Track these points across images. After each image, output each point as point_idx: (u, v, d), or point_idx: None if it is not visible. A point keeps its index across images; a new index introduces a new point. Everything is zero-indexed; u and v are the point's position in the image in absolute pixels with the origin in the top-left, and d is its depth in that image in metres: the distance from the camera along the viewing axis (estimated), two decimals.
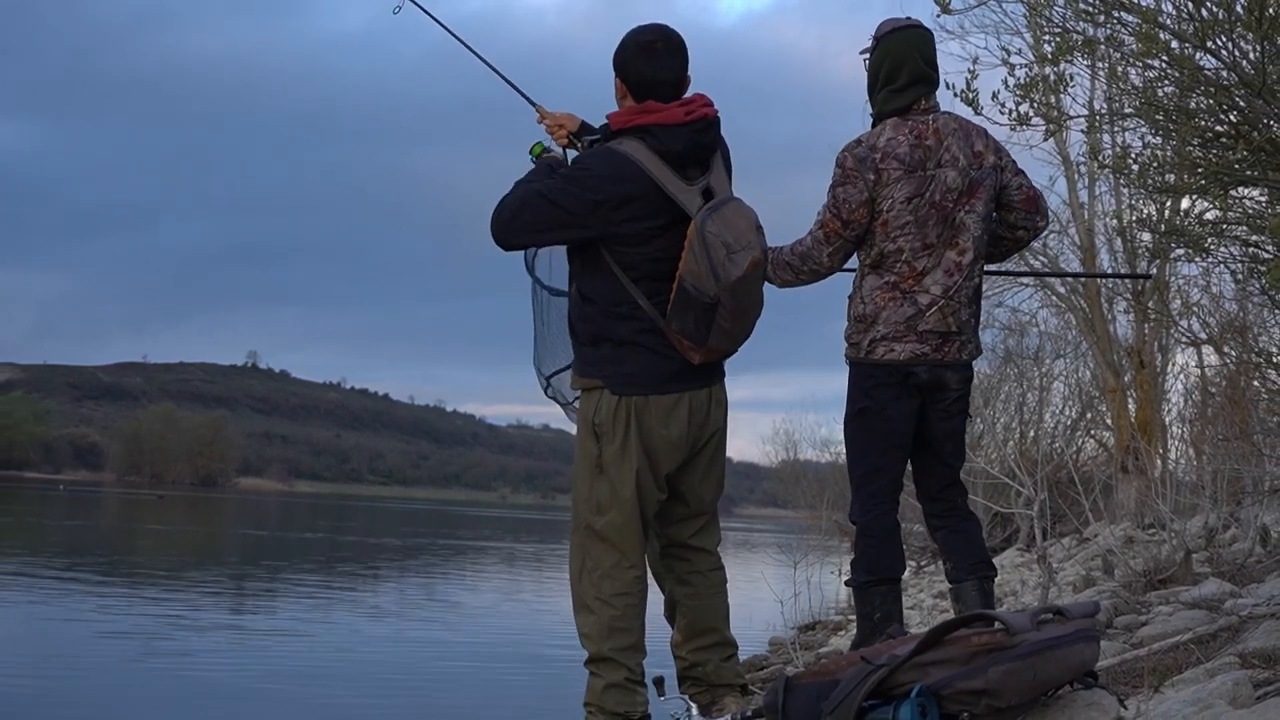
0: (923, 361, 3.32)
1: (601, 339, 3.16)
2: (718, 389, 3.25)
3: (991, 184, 3.35)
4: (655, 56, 3.14)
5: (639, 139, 3.10)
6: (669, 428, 3.13)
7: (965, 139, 3.33)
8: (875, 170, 3.26)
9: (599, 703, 3.10)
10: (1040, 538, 6.39)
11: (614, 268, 3.12)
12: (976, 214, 3.32)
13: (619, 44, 3.20)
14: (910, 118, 3.31)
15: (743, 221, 3.06)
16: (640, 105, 3.14)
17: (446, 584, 18.08)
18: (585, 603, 3.18)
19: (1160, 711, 2.61)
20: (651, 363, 3.11)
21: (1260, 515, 6.88)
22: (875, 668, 2.43)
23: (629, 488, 3.13)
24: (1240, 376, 8.54)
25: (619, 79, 3.20)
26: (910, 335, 3.30)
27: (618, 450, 3.13)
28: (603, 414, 3.14)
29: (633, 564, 3.16)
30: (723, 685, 3.24)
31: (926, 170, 3.27)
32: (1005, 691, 2.34)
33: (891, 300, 3.31)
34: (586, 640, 3.16)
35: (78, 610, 10.93)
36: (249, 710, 6.98)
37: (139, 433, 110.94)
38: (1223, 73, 3.34)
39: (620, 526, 3.15)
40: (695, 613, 3.28)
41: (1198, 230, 4.10)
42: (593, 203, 3.06)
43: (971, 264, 3.33)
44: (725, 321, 3.03)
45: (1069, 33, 3.56)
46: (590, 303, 3.18)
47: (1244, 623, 3.97)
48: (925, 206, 3.26)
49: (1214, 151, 3.58)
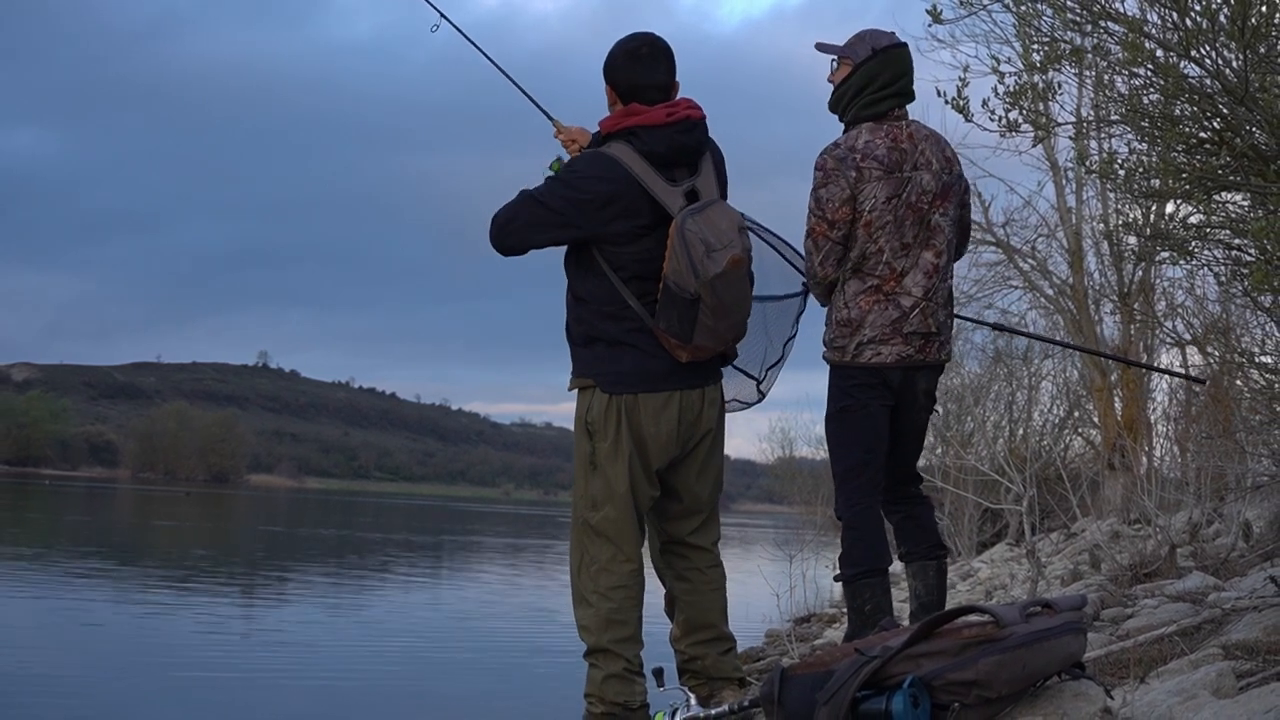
0: (907, 363, 3.40)
1: (594, 339, 3.23)
2: (712, 389, 3.30)
3: (959, 189, 3.51)
4: (641, 62, 3.23)
5: (625, 141, 3.19)
6: (659, 425, 3.19)
7: (937, 145, 3.47)
8: (856, 168, 3.34)
9: (599, 693, 3.16)
10: (1029, 533, 6.46)
11: (605, 268, 3.18)
12: (949, 216, 3.45)
13: (608, 53, 3.29)
14: (885, 123, 3.42)
15: (724, 221, 3.12)
16: (626, 108, 3.22)
17: (454, 575, 18.13)
18: (583, 596, 3.24)
19: (1146, 702, 2.66)
20: (642, 362, 3.18)
21: (1243, 510, 6.97)
22: (869, 659, 2.49)
23: (623, 483, 3.19)
24: (1223, 376, 8.63)
25: (609, 86, 3.29)
26: (896, 338, 3.38)
27: (610, 447, 3.19)
28: (595, 412, 3.21)
29: (628, 557, 3.22)
30: (721, 678, 3.30)
31: (903, 172, 3.37)
32: (995, 682, 2.39)
33: (875, 304, 3.38)
34: (585, 632, 3.23)
35: (175, 608, 10.99)
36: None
37: (153, 430, 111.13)
38: (1206, 81, 3.41)
39: (615, 521, 3.21)
40: (693, 609, 3.34)
41: (1182, 234, 4.17)
42: (578, 202, 3.13)
43: (945, 265, 3.46)
44: (708, 319, 3.08)
45: (1057, 42, 3.63)
46: (583, 303, 3.24)
47: (1227, 615, 4.04)
48: (902, 207, 3.36)
49: (1198, 157, 3.65)
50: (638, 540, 3.28)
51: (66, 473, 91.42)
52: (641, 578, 3.28)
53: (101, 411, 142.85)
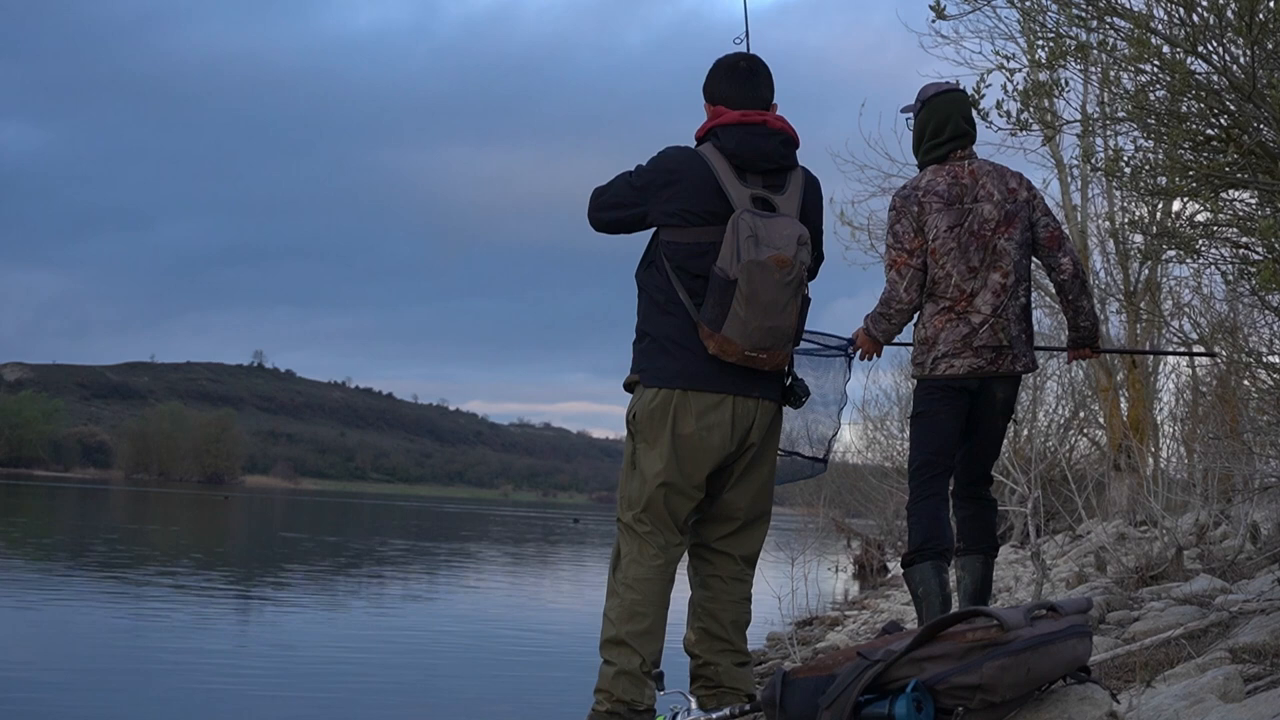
0: (979, 374, 3.77)
1: (645, 334, 3.24)
2: (768, 404, 3.24)
3: (1025, 216, 3.81)
4: (739, 76, 3.30)
5: (709, 141, 3.25)
6: (708, 426, 3.15)
7: (1000, 178, 3.81)
8: (919, 204, 3.77)
9: (609, 688, 3.13)
10: (1034, 535, 6.43)
11: (662, 258, 3.20)
12: (1015, 241, 3.78)
13: (708, 71, 3.35)
14: (948, 164, 3.82)
15: (786, 230, 3.13)
16: (713, 112, 3.29)
17: (460, 574, 18.14)
18: (613, 588, 3.23)
19: (1152, 706, 2.64)
20: (691, 360, 3.15)
21: (1250, 512, 6.94)
22: (871, 663, 2.46)
23: (656, 480, 3.17)
24: (1230, 376, 8.60)
25: (707, 103, 3.34)
26: (967, 351, 3.75)
27: (648, 445, 3.19)
28: (639, 409, 3.21)
29: (657, 553, 3.20)
30: (733, 689, 3.24)
31: (964, 204, 3.76)
32: (999, 686, 2.37)
33: (948, 323, 3.76)
34: (606, 622, 3.21)
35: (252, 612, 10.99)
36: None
37: (146, 431, 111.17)
38: (1213, 77, 3.38)
39: (647, 518, 3.20)
40: (709, 617, 3.28)
41: (1189, 232, 4.15)
42: (648, 179, 3.22)
43: (1015, 285, 3.78)
44: (740, 309, 3.05)
45: (1062, 38, 3.60)
46: (642, 294, 3.28)
47: (1234, 618, 4.01)
48: (965, 235, 3.74)
49: (1205, 155, 3.63)
50: (672, 540, 3.24)
51: (59, 474, 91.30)
52: (669, 576, 3.23)
53: (95, 412, 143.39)
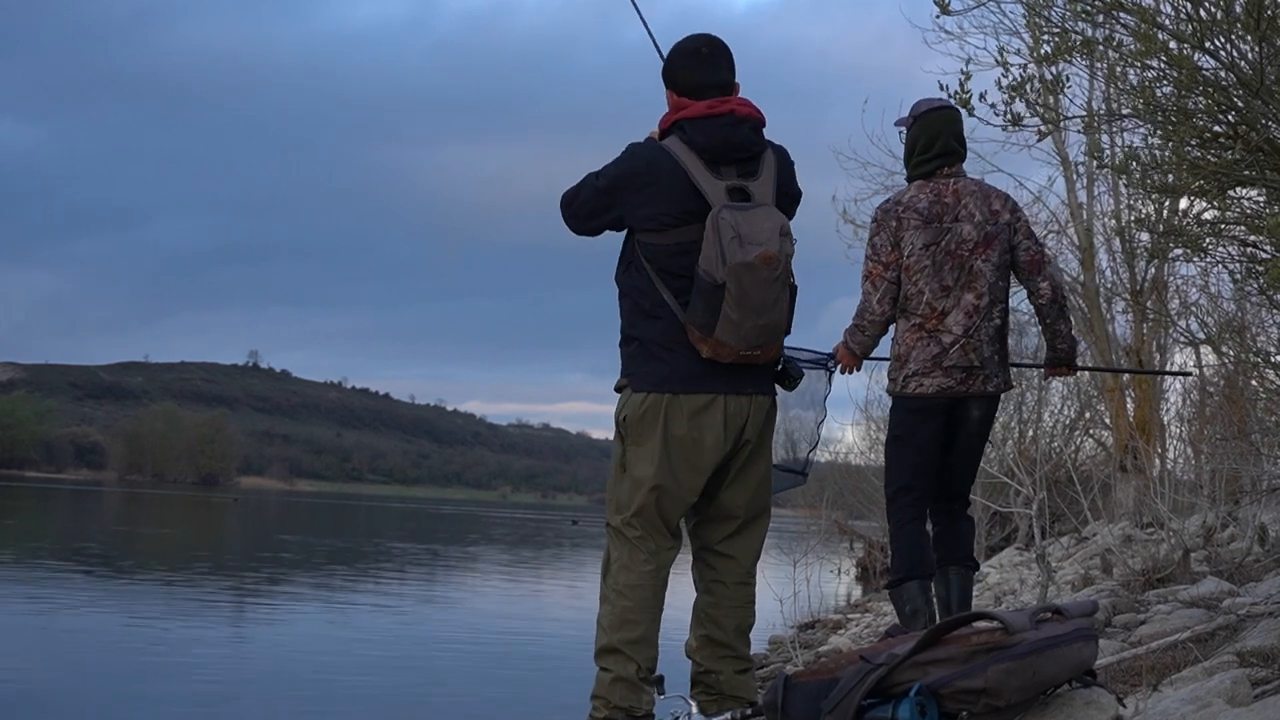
0: (948, 394, 3.76)
1: (631, 338, 3.20)
2: (761, 399, 3.21)
3: (1005, 238, 3.81)
4: (700, 61, 3.22)
5: (675, 134, 3.18)
6: (700, 428, 3.12)
7: (983, 199, 3.81)
8: (897, 219, 3.79)
9: (605, 695, 3.11)
10: (1039, 537, 6.40)
11: (642, 260, 3.16)
12: (992, 263, 3.77)
13: (667, 55, 3.28)
14: (934, 180, 3.82)
15: (766, 223, 3.07)
16: (676, 103, 3.22)
17: (462, 578, 18.16)
18: (605, 595, 3.21)
19: (1159, 710, 2.61)
20: (679, 362, 3.12)
21: (1258, 514, 6.90)
22: (874, 666, 2.44)
23: (647, 484, 3.14)
24: (1238, 376, 8.56)
25: (668, 89, 3.26)
26: (937, 371, 3.76)
27: (638, 448, 3.15)
28: (629, 413, 3.17)
29: (648, 558, 3.17)
30: (734, 697, 3.20)
31: (943, 223, 3.76)
32: (1004, 690, 2.35)
33: (919, 341, 3.78)
34: (599, 630, 3.19)
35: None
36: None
37: (140, 432, 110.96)
38: (1221, 73, 3.35)
39: (638, 523, 3.16)
40: (712, 624, 3.25)
41: (1196, 230, 4.12)
42: (617, 180, 3.16)
43: (989, 306, 3.78)
44: (732, 311, 3.01)
45: (1068, 33, 3.57)
46: (624, 298, 3.24)
47: (1242, 621, 3.98)
48: (941, 254, 3.74)
49: (1212, 151, 3.59)
50: (661, 543, 3.21)
51: (51, 475, 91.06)
52: (662, 582, 3.20)
53: (87, 412, 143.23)
